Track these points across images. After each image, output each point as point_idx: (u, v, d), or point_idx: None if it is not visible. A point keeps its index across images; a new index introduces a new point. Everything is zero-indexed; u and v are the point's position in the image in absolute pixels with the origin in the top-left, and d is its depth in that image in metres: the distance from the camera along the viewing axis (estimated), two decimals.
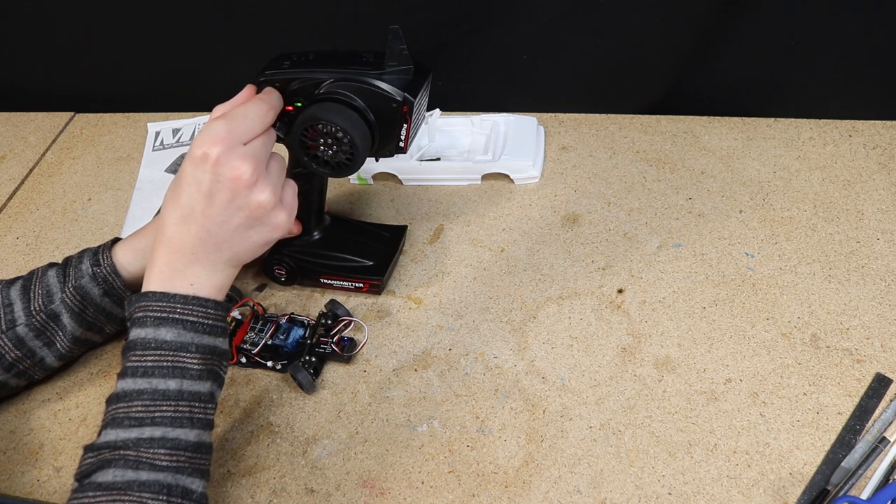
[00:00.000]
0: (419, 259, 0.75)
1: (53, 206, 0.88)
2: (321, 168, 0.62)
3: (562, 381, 0.63)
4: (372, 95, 0.60)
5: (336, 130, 0.59)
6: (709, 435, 0.58)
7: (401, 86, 0.60)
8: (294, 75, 0.61)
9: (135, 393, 0.49)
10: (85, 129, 0.99)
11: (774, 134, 0.82)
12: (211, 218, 0.52)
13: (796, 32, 0.78)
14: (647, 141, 0.84)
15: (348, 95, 0.60)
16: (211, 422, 0.52)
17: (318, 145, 0.61)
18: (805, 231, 0.72)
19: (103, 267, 0.62)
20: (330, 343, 0.66)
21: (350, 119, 0.59)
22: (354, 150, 0.60)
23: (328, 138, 0.60)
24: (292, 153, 0.66)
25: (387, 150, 0.63)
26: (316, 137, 0.60)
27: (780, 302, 0.66)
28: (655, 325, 0.66)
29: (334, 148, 0.60)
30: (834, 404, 0.59)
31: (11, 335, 0.61)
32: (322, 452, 0.60)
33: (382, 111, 0.60)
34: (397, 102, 0.60)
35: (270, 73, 0.61)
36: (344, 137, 0.59)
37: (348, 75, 0.60)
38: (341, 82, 0.60)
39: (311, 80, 0.60)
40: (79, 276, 0.62)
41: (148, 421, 0.48)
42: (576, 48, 0.85)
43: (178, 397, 0.49)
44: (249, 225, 0.53)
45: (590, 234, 0.75)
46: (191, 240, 0.52)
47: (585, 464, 0.57)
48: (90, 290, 0.62)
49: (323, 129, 0.59)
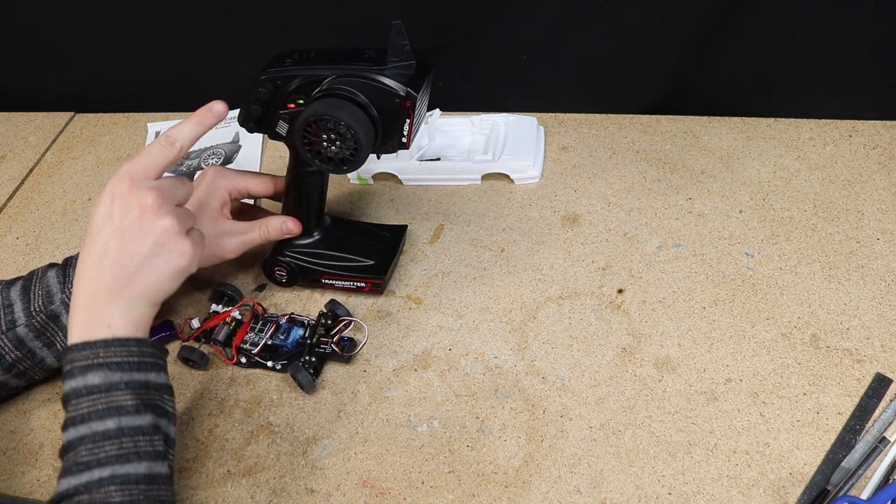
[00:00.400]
0: (419, 259, 0.75)
1: (53, 206, 0.88)
2: (324, 164, 0.62)
3: (562, 381, 0.63)
4: (374, 91, 0.60)
5: (340, 126, 0.59)
6: (709, 435, 0.58)
7: (403, 81, 0.60)
8: (295, 72, 0.61)
9: (77, 440, 0.50)
10: (85, 129, 0.99)
11: (774, 134, 0.82)
12: (123, 250, 0.53)
13: (796, 32, 0.78)
14: (647, 141, 0.84)
15: (351, 91, 0.60)
16: (161, 453, 0.51)
17: (321, 141, 0.61)
18: (805, 231, 0.72)
19: None
20: (330, 343, 0.66)
21: (354, 114, 0.59)
22: (358, 146, 0.60)
23: (331, 134, 0.60)
24: (293, 151, 0.66)
25: (389, 146, 0.63)
26: (319, 133, 0.60)
27: (780, 302, 0.66)
28: (655, 325, 0.66)
29: (338, 143, 0.60)
30: (834, 404, 0.59)
31: (11, 336, 0.61)
32: (322, 452, 0.60)
33: (385, 106, 0.60)
34: (400, 97, 0.60)
35: (272, 71, 0.61)
36: (347, 133, 0.59)
37: (350, 71, 0.60)
38: (344, 78, 0.60)
39: (312, 76, 0.60)
40: None
41: (94, 463, 0.49)
42: (576, 48, 0.85)
43: (119, 434, 0.50)
44: (157, 252, 0.54)
45: (590, 234, 0.75)
46: (105, 278, 0.53)
47: (585, 464, 0.57)
48: None
49: (326, 125, 0.59)
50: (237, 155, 0.91)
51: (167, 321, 0.71)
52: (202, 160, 0.91)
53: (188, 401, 0.65)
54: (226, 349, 0.67)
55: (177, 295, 0.73)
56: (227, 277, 0.75)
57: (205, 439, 0.62)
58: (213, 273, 0.75)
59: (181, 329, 0.70)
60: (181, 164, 0.91)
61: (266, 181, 0.70)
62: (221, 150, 0.92)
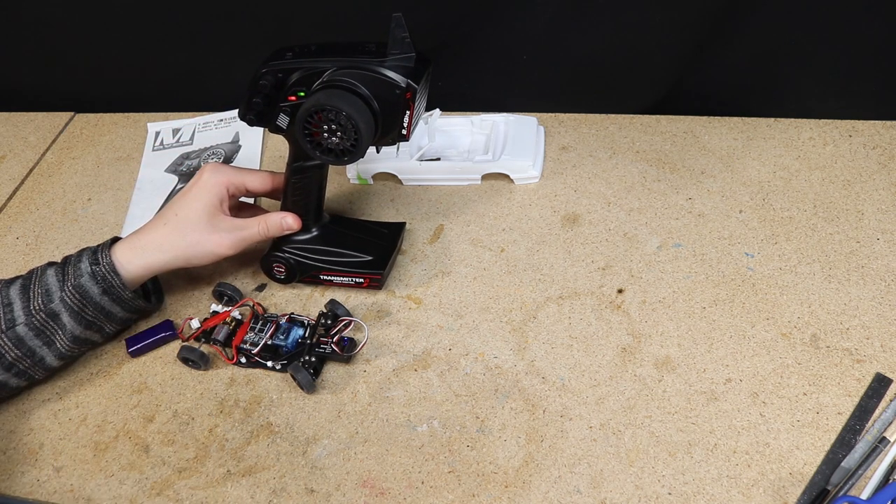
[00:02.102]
0: (419, 259, 0.75)
1: (53, 206, 0.88)
2: (325, 156, 0.62)
3: (562, 381, 0.63)
4: (375, 82, 0.60)
5: (341, 116, 0.59)
6: (709, 435, 0.58)
7: (403, 73, 0.60)
8: (296, 65, 0.61)
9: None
10: (85, 129, 0.99)
11: (774, 134, 0.82)
12: None
13: (796, 32, 0.78)
14: (647, 141, 0.84)
15: (352, 82, 0.60)
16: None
17: (321, 132, 0.61)
18: (805, 231, 0.72)
19: (102, 265, 0.62)
20: (330, 343, 0.66)
21: (355, 105, 0.59)
22: (359, 136, 0.60)
23: (332, 124, 0.60)
24: (293, 146, 0.66)
25: (389, 139, 0.63)
26: (320, 124, 0.60)
27: (780, 302, 0.66)
28: (655, 325, 0.66)
29: (339, 134, 0.60)
30: (834, 404, 0.59)
31: (11, 334, 0.61)
32: (322, 452, 0.60)
33: (386, 98, 0.60)
34: (401, 89, 0.60)
35: (273, 64, 0.61)
36: (348, 123, 0.59)
37: (351, 63, 0.60)
38: (344, 70, 0.60)
39: (313, 69, 0.61)
40: (78, 274, 0.62)
41: None
42: (576, 48, 0.85)
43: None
44: None
45: (590, 234, 0.75)
46: None
47: (585, 464, 0.57)
48: (89, 289, 0.62)
49: (328, 116, 0.59)
50: (237, 155, 0.91)
51: (167, 321, 0.71)
52: (202, 160, 0.91)
53: (188, 401, 0.65)
54: (226, 349, 0.67)
55: (176, 295, 0.74)
56: (226, 277, 0.75)
57: (205, 439, 0.62)
58: (213, 273, 0.75)
59: (181, 329, 0.70)
60: (181, 163, 0.91)
61: (264, 177, 0.70)
62: (221, 150, 0.92)
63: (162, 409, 0.65)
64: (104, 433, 0.64)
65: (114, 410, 0.65)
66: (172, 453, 0.62)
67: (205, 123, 0.96)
